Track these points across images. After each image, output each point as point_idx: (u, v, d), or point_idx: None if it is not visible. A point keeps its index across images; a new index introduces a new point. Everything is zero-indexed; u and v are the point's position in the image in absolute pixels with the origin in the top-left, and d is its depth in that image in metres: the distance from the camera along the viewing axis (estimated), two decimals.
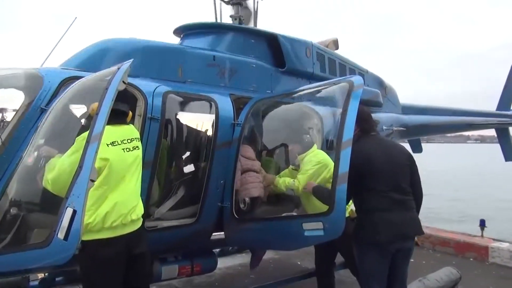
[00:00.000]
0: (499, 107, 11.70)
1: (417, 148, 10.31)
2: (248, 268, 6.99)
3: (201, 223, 4.41)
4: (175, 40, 5.88)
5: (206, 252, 4.93)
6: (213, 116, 4.52)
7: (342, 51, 7.11)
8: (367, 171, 3.66)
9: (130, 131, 3.46)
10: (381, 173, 3.70)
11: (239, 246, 4.63)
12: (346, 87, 3.93)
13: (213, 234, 4.74)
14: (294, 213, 4.13)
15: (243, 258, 7.43)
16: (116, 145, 3.24)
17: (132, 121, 4.02)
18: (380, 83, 7.78)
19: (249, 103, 4.76)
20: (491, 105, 12.03)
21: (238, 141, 4.48)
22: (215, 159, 4.45)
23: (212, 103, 4.55)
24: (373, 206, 3.65)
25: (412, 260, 7.67)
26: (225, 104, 4.68)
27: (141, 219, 3.45)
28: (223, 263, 7.07)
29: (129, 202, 3.26)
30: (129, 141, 3.32)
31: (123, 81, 3.17)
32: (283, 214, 4.16)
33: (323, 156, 4.40)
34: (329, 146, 4.31)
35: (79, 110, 3.28)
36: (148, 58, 4.53)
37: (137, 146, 3.40)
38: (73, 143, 2.97)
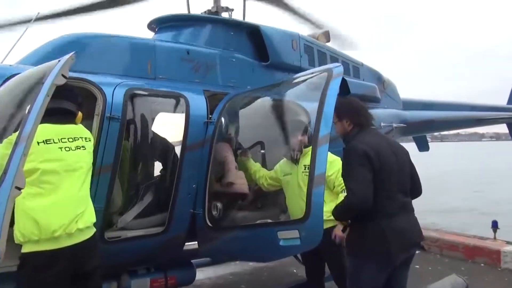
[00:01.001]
0: (510, 101, 11.08)
1: (423, 146, 9.77)
2: (240, 277, 6.57)
3: (171, 232, 3.99)
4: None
5: (182, 262, 4.51)
6: (183, 115, 4.12)
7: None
8: (377, 168, 3.06)
9: (75, 129, 3.08)
10: (391, 171, 3.13)
11: (213, 258, 4.22)
12: (325, 77, 3.49)
13: (188, 244, 4.31)
14: (269, 220, 3.69)
15: (236, 267, 7.01)
16: (51, 143, 2.85)
17: (90, 122, 3.66)
18: (377, 77, 7.31)
19: (224, 99, 4.35)
20: (501, 102, 11.43)
21: (211, 141, 4.06)
22: (186, 161, 4.04)
23: (182, 100, 4.15)
24: (378, 210, 3.01)
25: (417, 266, 7.23)
26: (197, 101, 4.28)
27: (93, 229, 3.06)
28: (214, 272, 6.66)
29: (72, 208, 2.87)
30: (70, 140, 2.95)
31: (62, 75, 2.79)
32: (257, 222, 3.72)
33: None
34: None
35: (11, 107, 2.91)
36: (113, 53, 4.16)
37: (82, 146, 3.02)
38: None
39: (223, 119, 4.13)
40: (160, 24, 5.18)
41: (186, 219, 4.08)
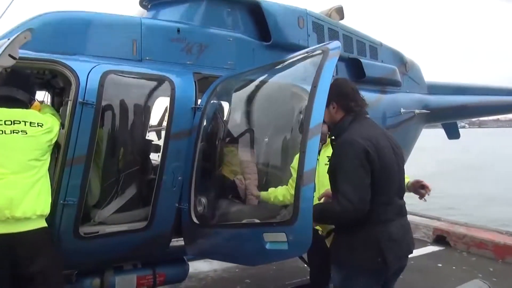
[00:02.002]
0: None
1: (454, 134, 8.96)
2: (247, 271, 6.25)
3: (154, 228, 3.67)
4: None
5: (173, 258, 4.20)
6: (167, 100, 3.75)
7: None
8: (377, 168, 2.62)
9: (21, 113, 2.82)
10: (392, 172, 2.71)
11: (200, 257, 3.88)
12: (320, 57, 3.00)
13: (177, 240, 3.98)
14: (256, 220, 3.27)
15: None
16: None
17: (64, 108, 3.37)
18: (398, 59, 6.64)
19: (214, 82, 3.93)
20: None
21: (198, 129, 3.67)
22: (170, 151, 3.68)
23: (167, 84, 3.77)
24: (373, 216, 2.60)
25: (439, 264, 6.67)
26: (185, 84, 3.88)
27: (40, 223, 2.76)
28: (220, 264, 6.37)
29: (8, 194, 2.61)
30: (8, 123, 2.67)
31: (10, 56, 2.47)
32: (243, 221, 3.32)
33: None
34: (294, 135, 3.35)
35: None
36: (93, 33, 3.82)
37: (23, 131, 2.77)
38: None
39: (212, 105, 3.71)
40: (152, 1, 4.79)
41: (171, 214, 3.75)
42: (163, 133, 3.83)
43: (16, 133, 2.74)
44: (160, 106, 3.85)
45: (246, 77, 3.72)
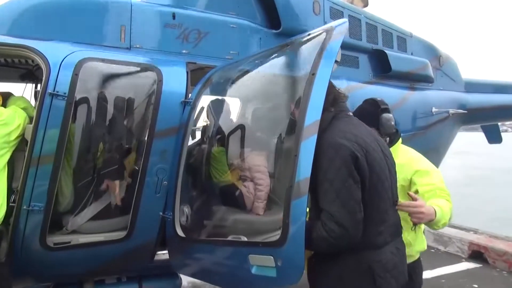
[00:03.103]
0: None
1: (495, 137, 8.03)
2: None
3: (135, 238, 3.21)
4: None
5: (163, 271, 3.72)
6: (153, 93, 3.28)
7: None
8: (366, 176, 2.12)
9: None
10: (384, 180, 2.21)
11: (185, 274, 3.37)
12: (323, 38, 2.42)
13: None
14: (242, 237, 2.71)
15: None
16: None
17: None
18: (431, 52, 5.91)
19: (207, 73, 3.42)
20: None
21: (185, 126, 3.16)
22: (154, 152, 3.20)
23: (153, 74, 3.30)
24: (364, 239, 2.09)
25: (475, 286, 5.88)
26: (174, 75, 3.40)
27: None
28: None
29: None
30: None
31: None
32: (229, 237, 2.77)
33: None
34: (286, 134, 2.69)
35: None
36: (76, 17, 3.40)
37: None
38: None
39: (203, 99, 3.20)
40: None
41: (154, 224, 3.27)
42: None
43: None
44: (143, 100, 3.36)
45: (240, 66, 3.19)
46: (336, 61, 2.34)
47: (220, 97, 3.10)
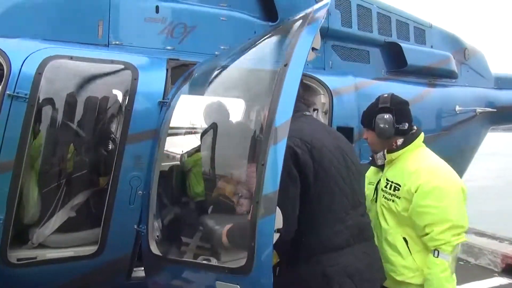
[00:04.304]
0: None
1: None
2: None
3: (107, 254, 2.90)
4: None
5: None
6: (127, 92, 2.97)
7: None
8: (310, 171, 1.98)
9: None
10: (338, 177, 2.07)
11: None
12: (299, 24, 2.04)
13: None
14: (212, 260, 2.33)
15: None
16: None
17: None
18: (454, 44, 5.34)
19: (187, 71, 3.07)
20: None
21: (159, 129, 2.82)
22: (127, 158, 2.88)
23: (127, 73, 2.99)
24: (319, 242, 2.00)
25: None
26: (152, 73, 3.09)
27: None
28: None
29: None
30: None
31: None
32: (199, 258, 2.39)
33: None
34: (255, 138, 2.26)
35: None
36: (47, 12, 3.15)
37: None
38: None
39: (181, 99, 2.85)
40: None
41: (128, 238, 2.94)
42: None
43: None
44: (116, 101, 3.06)
45: (219, 61, 2.81)
46: (314, 49, 1.96)
47: (195, 96, 2.76)
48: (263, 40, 2.43)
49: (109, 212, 2.86)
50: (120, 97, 3.03)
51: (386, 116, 2.33)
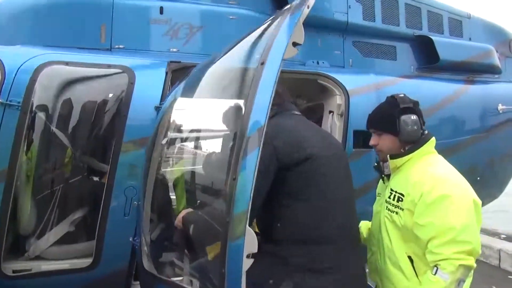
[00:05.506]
0: None
1: None
2: None
3: (102, 267, 2.77)
4: None
5: None
6: (123, 97, 2.83)
7: None
8: (292, 162, 1.85)
9: None
10: (329, 182, 1.93)
11: None
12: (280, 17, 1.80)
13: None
14: (191, 279, 2.11)
15: None
16: None
17: None
18: (497, 35, 4.78)
19: (187, 73, 2.87)
20: None
21: (154, 136, 2.64)
22: (122, 167, 2.74)
23: (124, 77, 2.85)
24: (299, 258, 1.83)
25: None
26: (150, 77, 2.93)
27: None
28: None
29: None
30: None
31: None
32: (186, 281, 2.17)
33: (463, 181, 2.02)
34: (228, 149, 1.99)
35: None
36: (50, 18, 3.10)
37: None
38: None
39: (170, 104, 2.65)
40: None
41: (125, 250, 2.80)
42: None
43: None
44: (113, 107, 2.92)
45: (208, 63, 2.57)
46: (295, 44, 1.70)
47: (182, 101, 2.57)
48: (249, 37, 2.19)
49: (103, 223, 2.73)
50: (116, 103, 2.89)
51: (413, 117, 2.05)
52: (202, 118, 2.58)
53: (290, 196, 1.83)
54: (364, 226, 2.41)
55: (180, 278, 2.26)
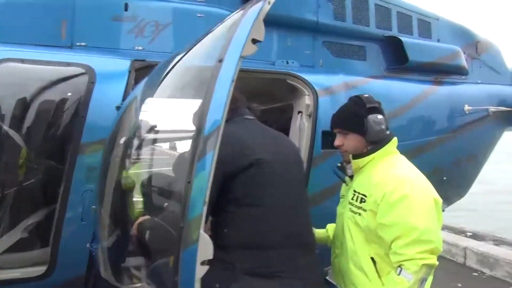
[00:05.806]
0: None
1: None
2: None
3: (57, 275, 2.63)
4: None
5: None
6: (82, 97, 2.70)
7: None
8: (237, 165, 1.87)
9: None
10: (270, 188, 1.91)
11: None
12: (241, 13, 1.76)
13: None
14: None
15: None
16: None
17: None
18: (465, 38, 4.86)
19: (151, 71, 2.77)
20: None
21: (111, 136, 2.53)
22: (79, 169, 2.62)
23: (84, 76, 2.72)
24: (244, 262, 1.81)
25: None
26: (111, 76, 2.82)
27: None
28: None
29: None
30: None
31: None
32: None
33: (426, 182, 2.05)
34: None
35: None
36: (8, 13, 2.92)
37: None
38: None
39: (129, 103, 2.55)
40: None
41: (82, 257, 2.67)
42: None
43: None
44: (71, 107, 2.78)
45: (169, 61, 2.49)
46: (255, 41, 1.64)
47: (146, 98, 2.47)
48: (209, 34, 2.12)
49: (58, 229, 2.59)
50: (74, 103, 2.75)
51: (380, 116, 2.09)
52: (159, 118, 2.48)
53: (233, 202, 1.84)
54: (331, 228, 2.40)
55: (138, 285, 2.16)
